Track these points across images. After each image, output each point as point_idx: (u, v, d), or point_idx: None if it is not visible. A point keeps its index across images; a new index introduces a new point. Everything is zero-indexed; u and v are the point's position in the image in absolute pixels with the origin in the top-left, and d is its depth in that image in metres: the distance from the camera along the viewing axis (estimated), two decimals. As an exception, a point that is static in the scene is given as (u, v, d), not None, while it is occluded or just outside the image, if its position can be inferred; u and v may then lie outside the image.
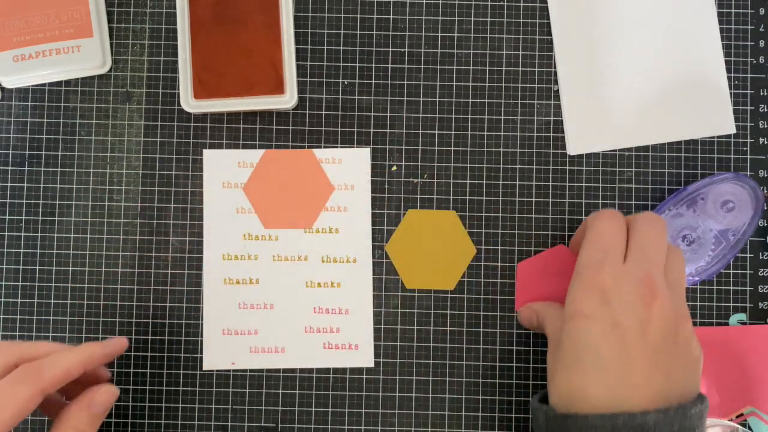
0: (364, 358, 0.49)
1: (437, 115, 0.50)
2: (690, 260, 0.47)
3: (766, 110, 0.51)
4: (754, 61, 0.51)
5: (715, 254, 0.48)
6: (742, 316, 0.50)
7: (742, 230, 0.48)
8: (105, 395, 0.40)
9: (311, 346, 0.49)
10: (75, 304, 0.49)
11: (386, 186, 0.50)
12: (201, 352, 0.49)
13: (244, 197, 0.50)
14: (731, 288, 0.50)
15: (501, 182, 0.50)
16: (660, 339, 0.37)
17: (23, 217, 0.50)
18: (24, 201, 0.50)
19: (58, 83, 0.50)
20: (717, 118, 0.51)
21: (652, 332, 0.37)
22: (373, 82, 0.50)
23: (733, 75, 0.51)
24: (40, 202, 0.50)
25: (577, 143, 0.50)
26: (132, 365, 0.49)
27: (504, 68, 0.51)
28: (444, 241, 0.50)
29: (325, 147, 0.50)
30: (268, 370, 0.49)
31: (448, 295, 0.50)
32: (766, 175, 0.51)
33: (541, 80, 0.51)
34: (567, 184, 0.50)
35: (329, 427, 0.49)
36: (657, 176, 0.51)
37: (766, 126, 0.51)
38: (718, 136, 0.51)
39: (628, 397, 0.36)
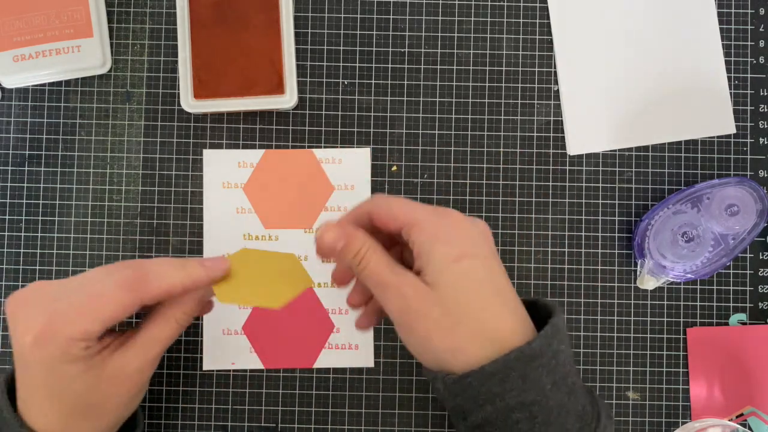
0: (364, 358, 0.49)
1: (437, 115, 0.50)
2: (687, 257, 0.47)
3: (766, 110, 0.51)
4: (754, 61, 0.51)
5: (712, 256, 0.48)
6: (742, 316, 0.50)
7: (741, 236, 0.47)
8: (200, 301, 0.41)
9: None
10: (75, 304, 0.49)
11: (386, 186, 0.50)
12: (201, 352, 0.49)
13: (244, 197, 0.50)
14: (731, 288, 0.50)
15: (501, 182, 0.50)
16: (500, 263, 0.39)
17: (23, 217, 0.50)
18: (24, 201, 0.50)
19: (58, 83, 0.50)
20: (717, 118, 0.51)
21: (498, 260, 0.39)
22: (373, 82, 0.50)
23: (733, 75, 0.51)
24: (40, 202, 0.50)
25: (577, 143, 0.50)
26: (132, 365, 0.49)
27: (504, 68, 0.51)
28: (444, 241, 0.50)
29: (325, 147, 0.50)
30: (268, 370, 0.49)
31: (448, 295, 0.50)
32: (766, 176, 0.51)
33: (541, 80, 0.51)
34: (567, 184, 0.50)
35: (329, 427, 0.49)
36: (657, 176, 0.51)
37: (766, 126, 0.51)
38: (718, 136, 0.51)
39: (515, 329, 0.37)
